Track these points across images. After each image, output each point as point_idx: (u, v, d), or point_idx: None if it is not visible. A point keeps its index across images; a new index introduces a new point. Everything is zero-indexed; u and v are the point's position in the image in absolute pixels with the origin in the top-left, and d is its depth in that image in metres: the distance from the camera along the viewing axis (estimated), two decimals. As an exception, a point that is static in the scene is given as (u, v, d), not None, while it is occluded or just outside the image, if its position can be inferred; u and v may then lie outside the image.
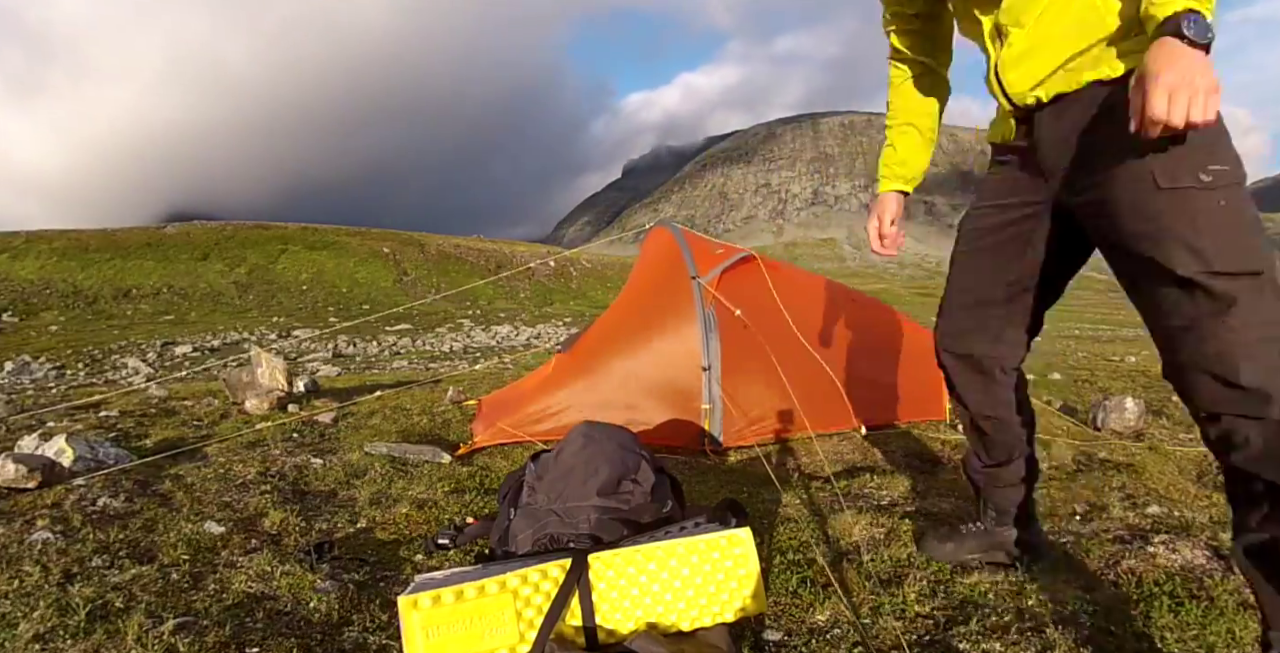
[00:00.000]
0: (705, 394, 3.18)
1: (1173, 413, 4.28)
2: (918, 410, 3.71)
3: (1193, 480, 2.70)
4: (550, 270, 32.60)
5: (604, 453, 1.83)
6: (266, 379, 4.42)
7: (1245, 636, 1.47)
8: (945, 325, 1.80)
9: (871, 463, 2.99)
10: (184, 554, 1.90)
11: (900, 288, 66.59)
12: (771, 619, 1.59)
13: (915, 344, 3.96)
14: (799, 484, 2.66)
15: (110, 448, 2.82)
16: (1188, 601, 1.60)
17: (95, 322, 20.59)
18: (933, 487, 2.59)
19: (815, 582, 1.76)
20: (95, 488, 2.38)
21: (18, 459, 2.37)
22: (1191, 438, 3.52)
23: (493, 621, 1.35)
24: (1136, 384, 5.96)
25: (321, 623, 1.58)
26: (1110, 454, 3.04)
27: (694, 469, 2.91)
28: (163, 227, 33.05)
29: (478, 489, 2.59)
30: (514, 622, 1.36)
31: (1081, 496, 2.42)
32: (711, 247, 3.80)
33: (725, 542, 1.48)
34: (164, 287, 25.19)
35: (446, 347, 15.05)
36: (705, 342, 3.24)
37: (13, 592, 1.63)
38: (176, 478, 2.61)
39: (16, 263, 25.38)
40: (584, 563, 1.44)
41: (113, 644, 1.41)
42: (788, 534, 2.09)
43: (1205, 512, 2.24)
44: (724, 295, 3.46)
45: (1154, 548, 1.91)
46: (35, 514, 2.11)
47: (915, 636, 1.52)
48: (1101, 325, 23.49)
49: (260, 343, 15.98)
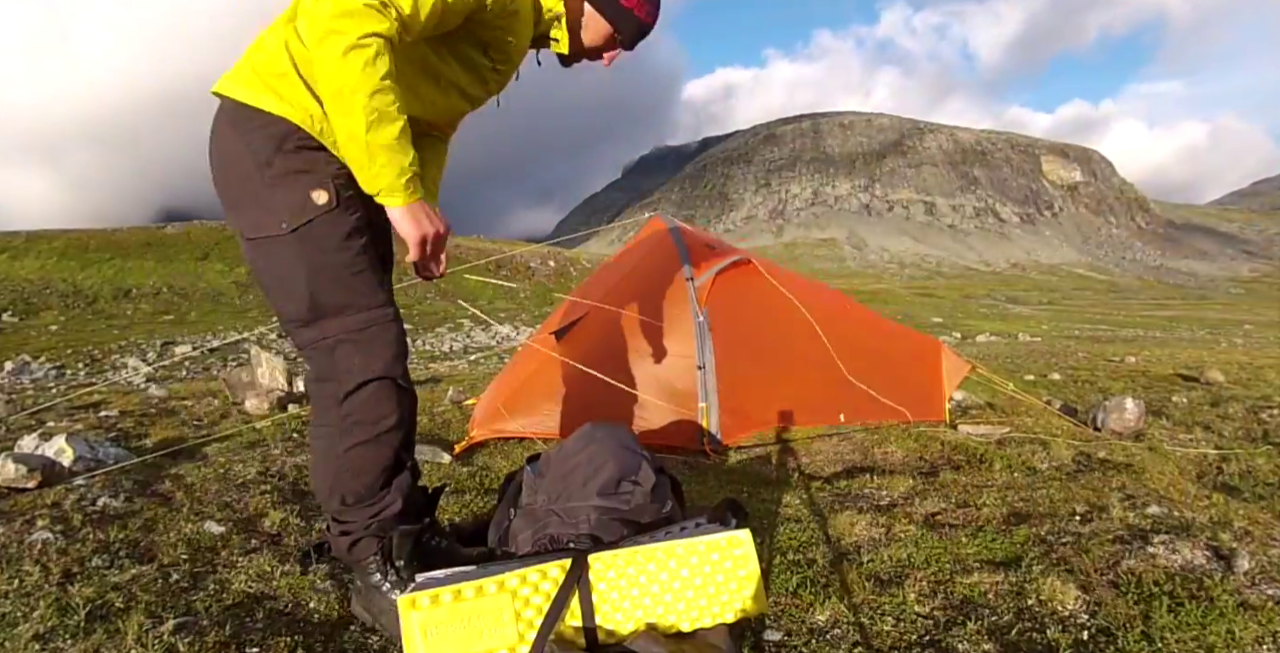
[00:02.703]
0: (701, 393, 3.19)
1: (1173, 413, 4.28)
2: (918, 411, 3.71)
3: (1193, 480, 2.70)
4: (551, 270, 32.59)
5: (605, 453, 1.83)
6: (266, 379, 4.42)
7: (1245, 636, 1.47)
8: None
9: (871, 463, 2.98)
10: (184, 554, 1.90)
11: (900, 288, 66.62)
12: (771, 619, 1.59)
13: (915, 345, 3.97)
14: (799, 484, 2.66)
15: (110, 448, 2.82)
16: (1188, 601, 1.60)
17: (95, 321, 20.58)
18: (933, 487, 2.59)
19: (815, 582, 1.76)
20: (95, 488, 2.38)
21: (18, 459, 2.37)
22: (1191, 438, 3.53)
23: (491, 621, 1.35)
24: (1136, 384, 5.97)
25: (321, 623, 1.58)
26: (1110, 454, 3.04)
27: (694, 469, 2.91)
28: (163, 226, 33.03)
29: (477, 489, 2.59)
30: (513, 622, 1.36)
31: (1081, 496, 2.42)
32: (707, 244, 3.81)
33: (725, 543, 1.47)
34: (164, 286, 25.17)
35: (446, 347, 15.05)
36: (700, 341, 3.25)
37: (13, 592, 1.63)
38: (176, 478, 2.61)
39: (16, 263, 25.37)
40: (584, 563, 1.44)
41: (113, 644, 1.41)
42: (788, 534, 2.09)
43: (1205, 512, 2.24)
44: (719, 296, 3.46)
45: (1154, 548, 1.91)
46: (35, 514, 2.11)
47: (915, 636, 1.52)
48: (1101, 325, 23.49)
49: (260, 343, 15.98)
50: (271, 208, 1.41)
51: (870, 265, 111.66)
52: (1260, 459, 3.01)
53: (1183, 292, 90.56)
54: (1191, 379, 6.29)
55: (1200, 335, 20.50)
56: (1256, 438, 3.53)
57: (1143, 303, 60.97)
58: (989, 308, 43.70)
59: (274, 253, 1.44)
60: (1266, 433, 3.63)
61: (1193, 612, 1.55)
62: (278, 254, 1.44)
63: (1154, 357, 9.75)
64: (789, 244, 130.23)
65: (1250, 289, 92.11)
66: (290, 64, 1.41)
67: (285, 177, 1.41)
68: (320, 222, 1.42)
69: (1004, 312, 37.66)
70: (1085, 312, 34.03)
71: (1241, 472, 2.84)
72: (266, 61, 1.43)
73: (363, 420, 1.48)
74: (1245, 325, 28.70)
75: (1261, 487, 2.62)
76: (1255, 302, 64.98)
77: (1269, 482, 2.69)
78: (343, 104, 1.30)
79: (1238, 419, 4.07)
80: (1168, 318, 35.68)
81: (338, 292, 1.45)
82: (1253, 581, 1.73)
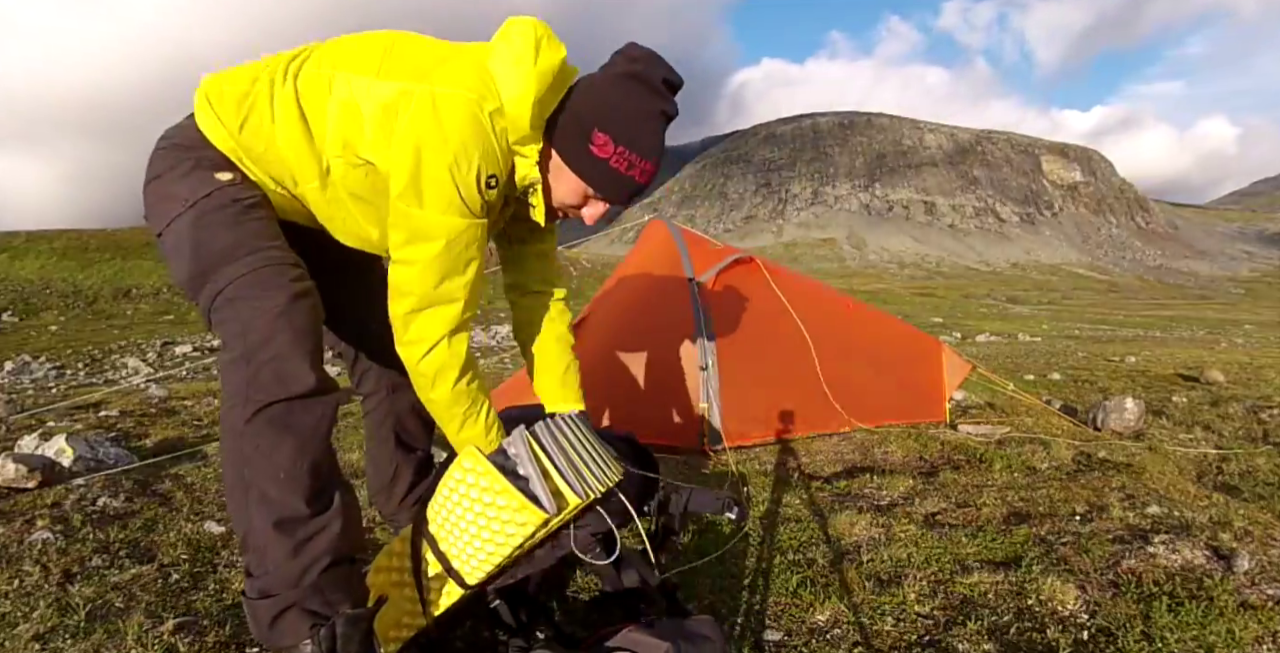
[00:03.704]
0: (703, 393, 3.19)
1: (1173, 413, 4.28)
2: (918, 411, 3.71)
3: (1193, 480, 2.70)
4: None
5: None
6: (266, 379, 4.41)
7: (1245, 636, 1.47)
8: None
9: (871, 463, 2.99)
10: (184, 554, 1.90)
11: (900, 288, 66.66)
12: (771, 619, 1.59)
13: (915, 346, 3.97)
14: (799, 484, 2.66)
15: (110, 448, 2.82)
16: (1188, 600, 1.61)
17: (95, 321, 20.59)
18: (933, 487, 2.59)
19: (815, 582, 1.76)
20: (95, 488, 2.38)
21: (18, 459, 2.37)
22: (1191, 438, 3.53)
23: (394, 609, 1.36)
24: (1136, 384, 5.97)
25: (321, 623, 1.58)
26: (1110, 454, 3.04)
27: (694, 469, 2.91)
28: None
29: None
30: (405, 600, 1.36)
31: (1081, 496, 2.43)
32: (708, 246, 3.81)
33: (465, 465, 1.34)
34: (164, 286, 25.17)
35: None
36: (702, 341, 3.25)
37: (13, 592, 1.63)
38: (176, 478, 2.61)
39: (16, 263, 25.39)
40: (424, 518, 1.39)
41: (113, 644, 1.41)
42: (788, 534, 2.09)
43: (1205, 512, 2.24)
44: (721, 296, 3.46)
45: (1154, 548, 1.91)
46: (35, 514, 2.11)
47: (915, 636, 1.52)
48: (1101, 325, 23.50)
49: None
50: (175, 194, 1.32)
51: (870, 265, 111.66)
52: (1260, 459, 3.01)
53: (1183, 292, 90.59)
54: (1191, 379, 6.29)
55: (1200, 335, 20.51)
56: (1256, 438, 3.53)
57: (1143, 303, 60.98)
58: (989, 308, 43.71)
59: (176, 232, 1.32)
60: (1266, 433, 3.63)
61: (1193, 612, 1.55)
62: (177, 231, 1.31)
63: (1154, 357, 9.75)
64: (789, 244, 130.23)
65: (1250, 289, 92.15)
66: (256, 110, 1.33)
67: (193, 169, 1.33)
68: (219, 192, 1.32)
69: (1004, 312, 37.68)
70: (1085, 312, 34.05)
71: (1241, 472, 2.84)
72: (233, 96, 1.34)
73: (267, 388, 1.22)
74: (1245, 325, 28.71)
75: (1261, 487, 2.62)
76: (1255, 302, 65.02)
77: (1269, 482, 2.69)
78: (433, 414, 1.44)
79: (1238, 419, 4.07)
80: (1168, 318, 35.69)
81: (224, 234, 1.29)
82: (1253, 581, 1.73)
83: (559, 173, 1.36)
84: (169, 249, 1.34)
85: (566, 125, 1.32)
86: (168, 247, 1.34)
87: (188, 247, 1.30)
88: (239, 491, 1.21)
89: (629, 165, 1.32)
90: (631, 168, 1.32)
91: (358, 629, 1.18)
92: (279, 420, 1.20)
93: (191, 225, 1.30)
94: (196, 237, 1.29)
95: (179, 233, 1.31)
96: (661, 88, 1.30)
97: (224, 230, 1.29)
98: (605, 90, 1.30)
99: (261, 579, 1.19)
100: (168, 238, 1.33)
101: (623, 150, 1.30)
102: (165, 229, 1.33)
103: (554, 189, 1.38)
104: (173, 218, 1.31)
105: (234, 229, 1.29)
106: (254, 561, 1.21)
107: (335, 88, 1.29)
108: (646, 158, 1.32)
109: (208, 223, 1.29)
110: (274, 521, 1.18)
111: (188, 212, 1.30)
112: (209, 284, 1.28)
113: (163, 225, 1.33)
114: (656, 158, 1.35)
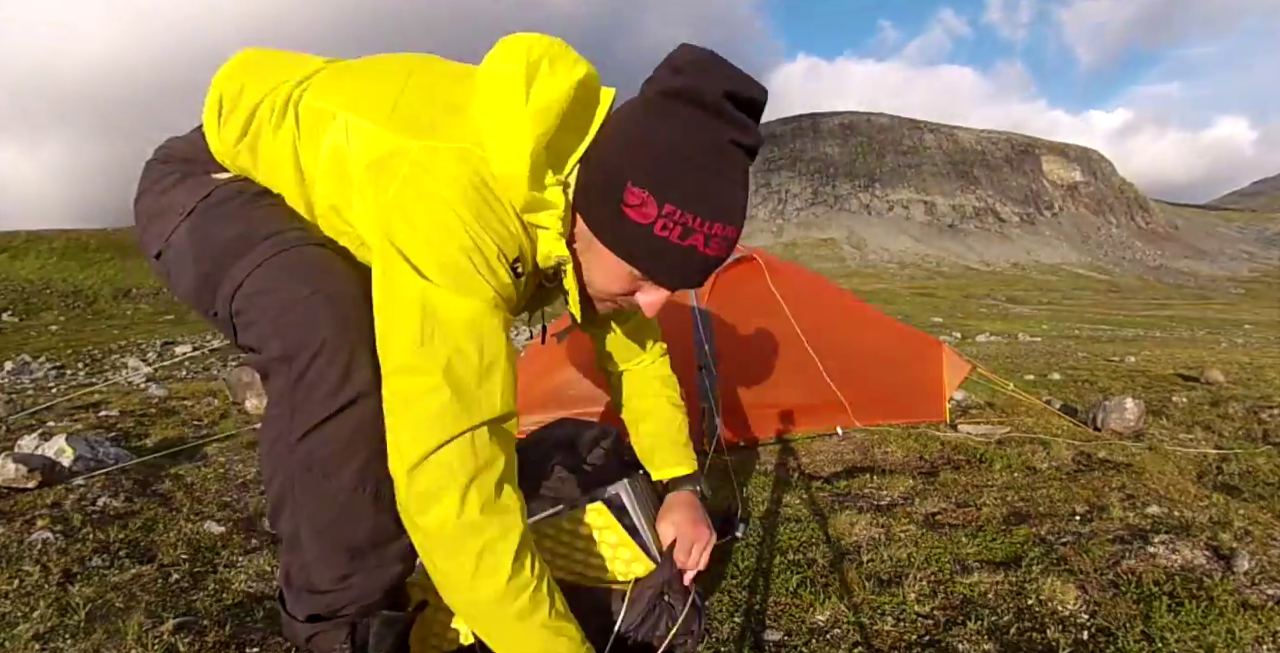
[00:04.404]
0: (701, 393, 3.18)
1: (1173, 413, 4.28)
2: (918, 411, 3.71)
3: (1193, 480, 2.70)
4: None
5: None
6: (266, 379, 4.42)
7: (1245, 636, 1.47)
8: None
9: (871, 463, 2.99)
10: (184, 554, 1.90)
11: (900, 288, 66.63)
12: (771, 619, 1.59)
13: (915, 345, 3.97)
14: (799, 484, 2.66)
15: (110, 448, 2.82)
16: (1188, 601, 1.60)
17: (95, 321, 20.59)
18: (933, 487, 2.59)
19: (815, 582, 1.76)
20: (95, 488, 2.38)
21: (18, 459, 2.37)
22: (1191, 438, 3.53)
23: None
24: (1136, 384, 5.96)
25: (321, 623, 1.58)
26: (1110, 454, 3.04)
27: (694, 469, 2.91)
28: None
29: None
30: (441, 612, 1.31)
31: (1081, 496, 2.43)
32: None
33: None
34: (164, 286, 25.18)
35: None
36: (701, 341, 3.25)
37: (13, 592, 1.63)
38: (176, 478, 2.61)
39: (16, 263, 25.41)
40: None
41: (113, 644, 1.41)
42: (788, 534, 2.09)
43: (1205, 512, 2.24)
44: (721, 295, 3.46)
45: (1154, 548, 1.91)
46: (35, 514, 2.11)
47: (915, 636, 1.52)
48: (1101, 325, 23.50)
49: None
50: (169, 205, 1.13)
51: (870, 265, 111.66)
52: (1260, 459, 3.01)
53: (1183, 292, 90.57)
54: (1191, 379, 6.29)
55: (1200, 335, 20.50)
56: (1256, 438, 3.52)
57: (1143, 303, 60.98)
58: (989, 308, 43.71)
59: (175, 246, 1.12)
60: (1266, 433, 3.63)
61: (1193, 612, 1.55)
62: (176, 244, 1.12)
63: (1154, 357, 9.75)
64: (789, 244, 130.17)
65: (1250, 289, 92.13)
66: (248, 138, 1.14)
67: (186, 176, 1.16)
68: (219, 190, 1.12)
69: (1004, 312, 37.68)
70: (1085, 312, 34.02)
71: (1241, 472, 2.84)
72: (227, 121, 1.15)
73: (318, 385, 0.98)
74: (1245, 325, 28.71)
75: (1261, 487, 2.62)
76: (1255, 302, 65.00)
77: (1269, 482, 2.68)
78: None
79: (1238, 419, 4.06)
80: (1168, 318, 35.69)
81: (230, 227, 1.08)
82: (1253, 581, 1.73)
83: (591, 250, 1.01)
84: (170, 266, 1.14)
85: (591, 181, 0.95)
86: (168, 263, 1.14)
87: (189, 252, 1.10)
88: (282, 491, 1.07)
89: (684, 232, 0.92)
90: (689, 235, 0.93)
91: (392, 630, 1.08)
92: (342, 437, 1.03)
93: (191, 230, 1.11)
94: (198, 238, 1.10)
95: (178, 245, 1.11)
96: (725, 106, 0.89)
97: (229, 223, 1.09)
98: (639, 121, 0.92)
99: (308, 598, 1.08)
100: (167, 255, 1.13)
101: (672, 211, 0.90)
102: (164, 246, 1.12)
103: (589, 273, 1.05)
104: (170, 232, 1.12)
105: (241, 220, 1.09)
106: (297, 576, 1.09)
107: (333, 130, 1.05)
108: (713, 218, 0.92)
109: (209, 220, 1.10)
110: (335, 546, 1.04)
111: (186, 219, 1.11)
112: (221, 286, 1.05)
113: (160, 244, 1.12)
114: (732, 216, 0.93)
